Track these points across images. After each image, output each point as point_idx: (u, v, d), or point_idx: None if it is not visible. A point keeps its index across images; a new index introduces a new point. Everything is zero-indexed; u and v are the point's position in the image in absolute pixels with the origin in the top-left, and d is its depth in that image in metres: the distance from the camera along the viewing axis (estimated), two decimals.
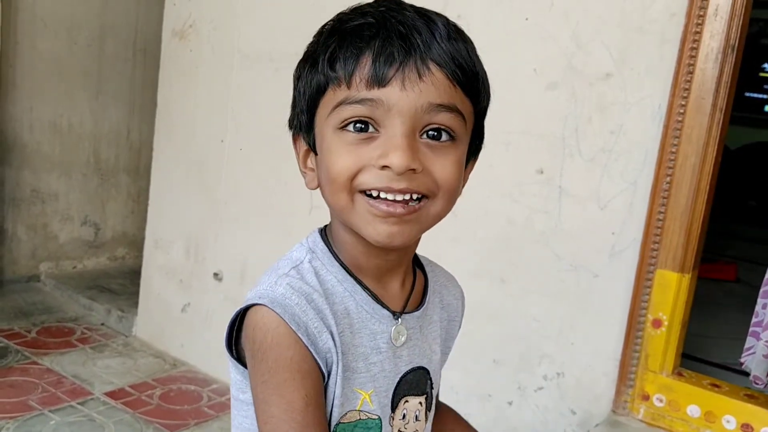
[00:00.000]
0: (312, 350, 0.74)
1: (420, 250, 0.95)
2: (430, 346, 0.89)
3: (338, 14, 0.81)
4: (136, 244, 3.94)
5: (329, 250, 0.83)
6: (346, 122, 0.74)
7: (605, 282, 1.87)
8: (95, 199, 3.98)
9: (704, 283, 2.48)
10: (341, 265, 0.82)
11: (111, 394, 2.59)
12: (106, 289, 3.66)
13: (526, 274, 2.00)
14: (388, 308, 0.83)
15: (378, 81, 0.72)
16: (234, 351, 0.82)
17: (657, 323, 1.79)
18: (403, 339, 0.84)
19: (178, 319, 2.97)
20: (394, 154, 0.72)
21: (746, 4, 1.68)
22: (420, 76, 0.72)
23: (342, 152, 0.75)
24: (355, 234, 0.80)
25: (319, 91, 0.77)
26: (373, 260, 0.82)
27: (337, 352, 0.77)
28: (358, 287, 0.81)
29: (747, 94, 6.98)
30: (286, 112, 0.87)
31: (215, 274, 2.80)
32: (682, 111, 1.72)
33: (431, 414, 0.91)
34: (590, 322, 1.90)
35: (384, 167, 0.73)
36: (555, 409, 1.96)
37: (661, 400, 1.81)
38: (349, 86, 0.73)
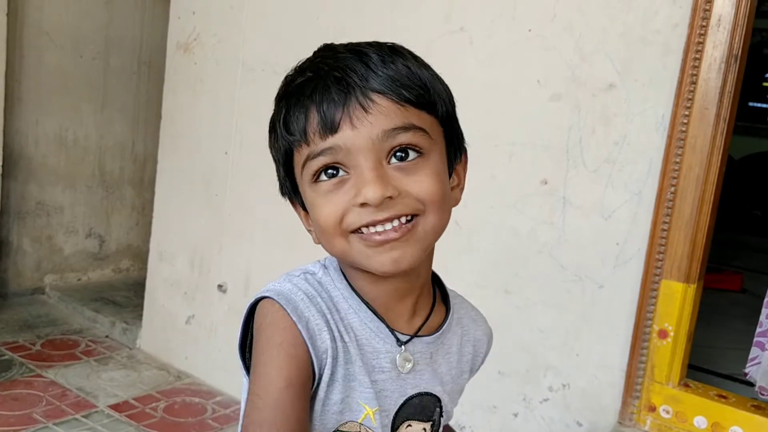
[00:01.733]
0: (309, 344, 0.75)
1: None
2: (442, 375, 0.89)
3: (285, 77, 0.83)
4: (141, 257, 3.95)
5: (341, 270, 0.85)
6: (316, 174, 0.77)
7: (610, 292, 1.87)
8: (100, 212, 3.99)
9: (710, 293, 2.48)
10: (349, 284, 0.84)
11: (115, 407, 2.58)
12: (110, 301, 3.66)
13: (531, 285, 2.00)
14: (392, 330, 0.83)
15: (329, 129, 0.74)
16: (247, 356, 0.83)
17: (663, 334, 1.78)
18: (409, 366, 0.84)
19: (183, 331, 2.97)
20: (366, 189, 0.73)
21: (749, 14, 1.69)
22: (366, 110, 0.74)
23: (322, 202, 0.77)
24: (357, 268, 0.81)
25: (288, 155, 0.80)
26: (379, 287, 0.83)
27: (337, 357, 0.78)
28: (362, 305, 0.82)
29: (750, 104, 6.98)
30: None
31: (219, 286, 2.80)
32: (685, 121, 1.72)
33: None
34: (595, 333, 1.89)
35: (363, 204, 0.74)
36: (561, 420, 1.95)
37: (667, 412, 1.80)
38: (307, 143, 0.76)
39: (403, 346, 0.83)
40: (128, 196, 4.10)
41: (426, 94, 0.78)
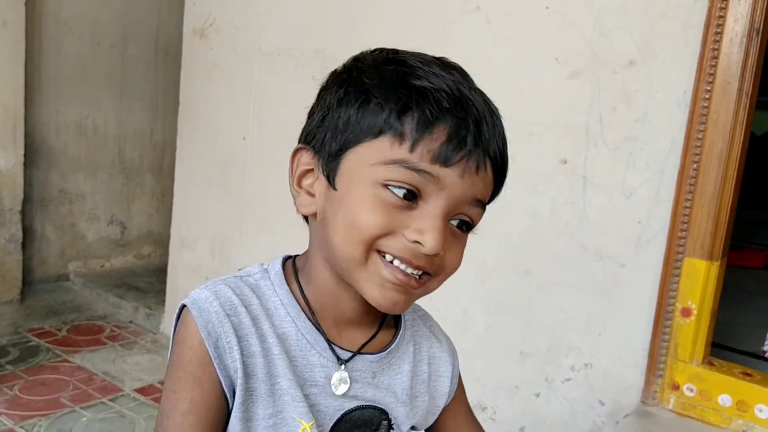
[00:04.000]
0: (216, 363, 0.73)
1: None
2: (396, 393, 0.85)
3: (400, 56, 0.76)
4: (162, 243, 3.99)
5: (284, 274, 0.82)
6: (393, 182, 0.71)
7: (632, 272, 1.85)
8: (121, 199, 4.03)
9: (732, 270, 2.45)
10: (291, 291, 0.81)
11: (141, 391, 2.62)
12: (133, 287, 3.70)
13: (552, 266, 1.99)
14: (332, 345, 0.80)
15: (444, 161, 0.70)
16: None
17: (686, 312, 1.77)
18: (343, 388, 0.80)
19: None
20: (430, 235, 0.71)
21: None
22: (477, 170, 0.73)
23: (378, 208, 0.71)
24: (336, 278, 0.78)
25: (371, 132, 0.72)
26: (337, 304, 0.80)
27: (255, 374, 0.75)
28: (302, 314, 0.79)
29: None
30: (308, 110, 0.84)
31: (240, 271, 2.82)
32: (707, 97, 1.70)
33: None
34: (618, 313, 1.89)
35: (415, 242, 0.72)
36: (583, 400, 1.95)
37: (691, 390, 1.79)
38: (412, 150, 0.70)
39: (343, 365, 0.80)
40: (148, 183, 4.14)
41: (503, 179, 0.79)
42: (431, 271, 0.75)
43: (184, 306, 0.77)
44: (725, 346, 2.61)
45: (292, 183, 0.81)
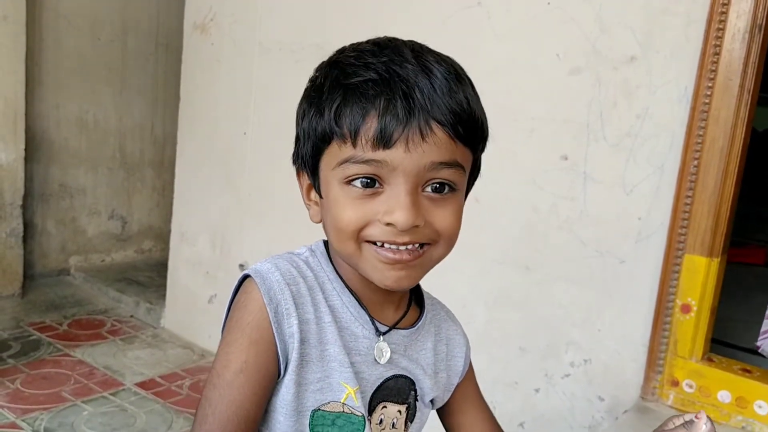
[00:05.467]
0: (274, 327, 0.78)
1: None
2: (420, 366, 0.91)
3: (340, 57, 0.79)
4: (162, 237, 3.99)
5: (328, 254, 0.88)
6: (351, 178, 0.77)
7: (632, 268, 1.85)
8: (121, 193, 4.03)
9: (733, 267, 2.45)
10: (335, 268, 0.87)
11: (142, 385, 2.63)
12: (134, 281, 3.71)
13: (552, 261, 1.99)
14: (373, 319, 0.86)
15: (383, 143, 0.73)
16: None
17: (686, 308, 1.77)
18: (386, 356, 0.86)
19: (205, 311, 3.00)
20: (398, 213, 0.75)
21: None
22: (423, 138, 0.74)
23: (348, 205, 0.77)
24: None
25: (324, 140, 0.78)
26: (367, 286, 0.86)
27: (308, 339, 0.80)
28: (345, 289, 0.85)
29: None
30: None
31: (241, 266, 2.83)
32: (708, 93, 1.69)
33: (412, 425, 0.93)
34: (617, 309, 1.89)
35: (389, 224, 0.76)
36: (583, 396, 1.95)
37: (690, 386, 1.79)
38: (354, 145, 0.75)
39: (381, 336, 0.86)
40: (149, 178, 4.14)
41: (475, 131, 0.79)
42: (426, 240, 0.79)
43: (245, 277, 0.83)
44: (725, 343, 2.61)
45: (303, 198, 0.89)
